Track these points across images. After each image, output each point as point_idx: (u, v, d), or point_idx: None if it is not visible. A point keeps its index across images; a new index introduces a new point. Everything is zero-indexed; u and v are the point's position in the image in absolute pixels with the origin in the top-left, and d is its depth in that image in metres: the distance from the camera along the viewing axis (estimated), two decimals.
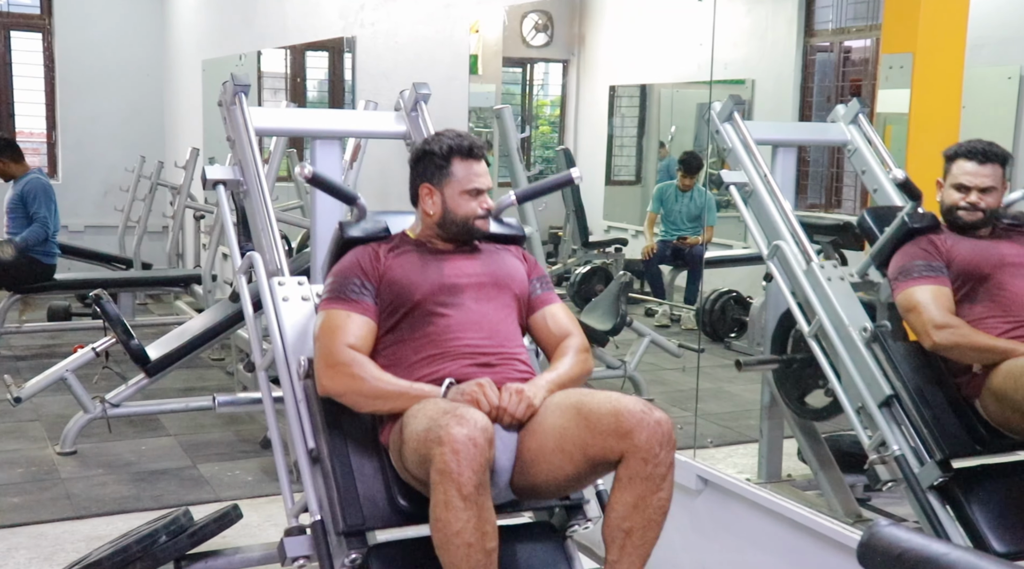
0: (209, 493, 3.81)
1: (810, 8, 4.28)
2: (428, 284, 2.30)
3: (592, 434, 2.00)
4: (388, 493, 2.16)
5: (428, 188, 2.37)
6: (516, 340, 2.33)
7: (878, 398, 2.45)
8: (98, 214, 8.34)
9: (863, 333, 2.53)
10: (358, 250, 2.37)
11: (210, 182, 2.67)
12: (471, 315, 2.28)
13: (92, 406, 4.21)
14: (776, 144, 3.16)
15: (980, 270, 2.52)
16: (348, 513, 2.11)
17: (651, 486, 1.98)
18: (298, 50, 6.18)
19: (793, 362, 3.00)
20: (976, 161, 2.56)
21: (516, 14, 4.56)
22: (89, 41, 8.44)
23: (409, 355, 2.26)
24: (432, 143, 2.38)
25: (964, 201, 2.57)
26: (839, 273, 2.66)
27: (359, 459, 2.20)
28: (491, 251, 2.44)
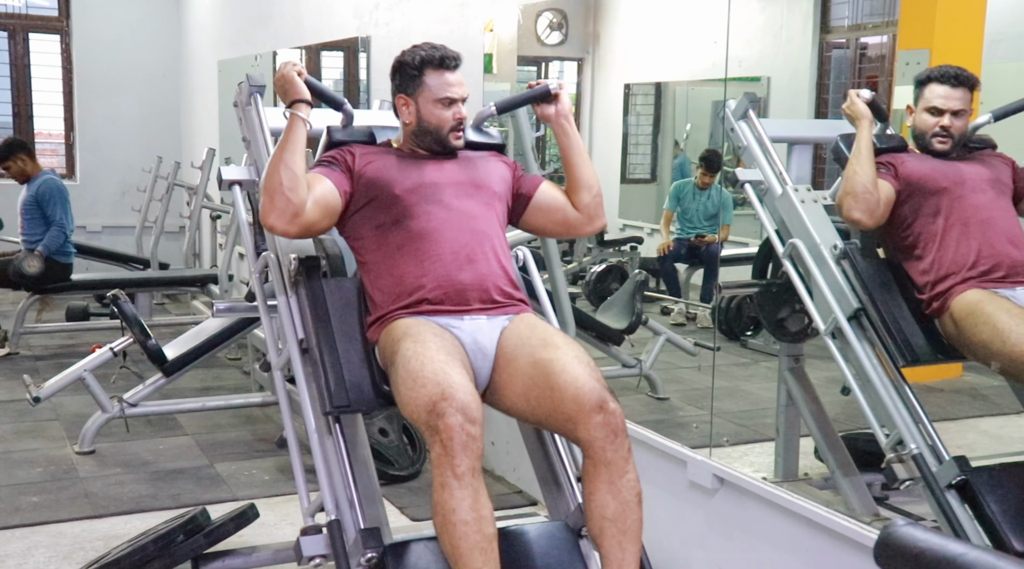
0: (226, 492, 3.83)
1: (826, 4, 4.25)
2: (408, 181, 2.39)
3: (554, 408, 2.13)
4: (372, 380, 2.30)
5: (403, 98, 2.46)
6: (496, 235, 2.42)
7: (847, 311, 2.56)
8: (115, 214, 8.39)
9: (833, 251, 2.63)
10: (340, 149, 2.49)
11: (226, 182, 2.69)
12: (451, 211, 2.38)
13: (110, 406, 4.24)
14: (791, 142, 3.14)
15: (938, 183, 2.62)
16: (335, 395, 2.23)
17: (616, 469, 2.09)
18: (313, 50, 6.20)
19: (772, 285, 3.08)
20: (948, 84, 2.63)
21: (531, 13, 4.55)
22: (106, 43, 8.49)
23: (393, 250, 2.35)
24: (406, 55, 2.46)
25: (937, 126, 2.66)
26: (813, 196, 2.77)
27: (346, 349, 2.31)
28: (471, 156, 2.54)
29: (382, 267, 2.35)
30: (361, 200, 2.40)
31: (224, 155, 6.73)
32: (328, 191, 2.36)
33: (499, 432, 3.98)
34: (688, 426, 3.91)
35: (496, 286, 2.35)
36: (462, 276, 2.31)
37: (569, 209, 2.53)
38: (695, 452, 3.08)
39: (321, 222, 2.36)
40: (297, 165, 2.29)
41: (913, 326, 2.57)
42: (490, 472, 4.11)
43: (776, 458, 3.16)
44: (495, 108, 2.60)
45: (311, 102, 2.43)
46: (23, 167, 6.06)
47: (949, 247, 2.58)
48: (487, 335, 2.29)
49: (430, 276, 2.30)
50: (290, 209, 2.27)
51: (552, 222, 2.56)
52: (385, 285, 2.34)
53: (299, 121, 2.37)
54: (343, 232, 2.47)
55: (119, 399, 4.25)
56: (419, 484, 3.91)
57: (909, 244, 2.66)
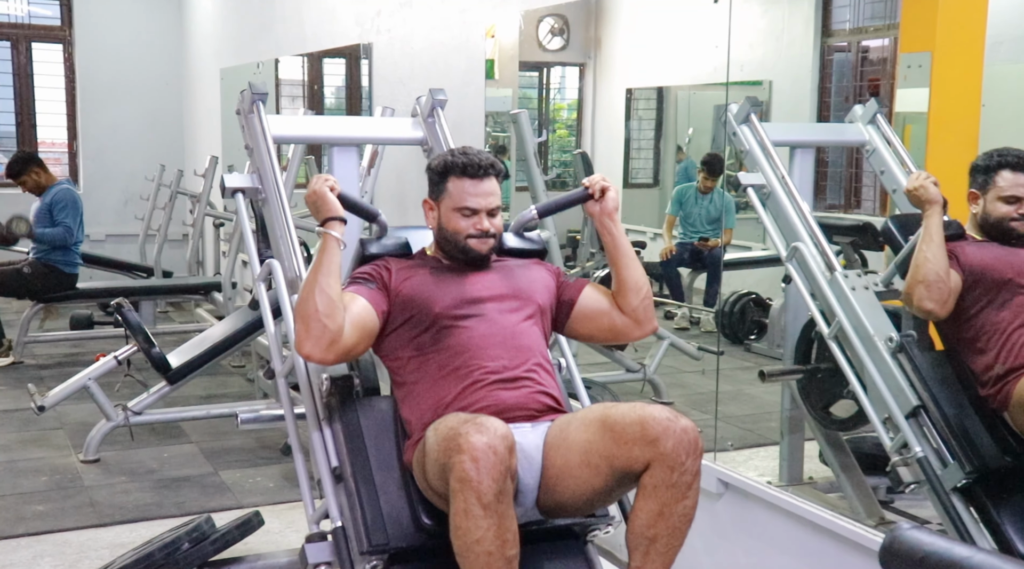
0: (231, 500, 3.83)
1: (827, 8, 4.25)
2: (448, 297, 2.27)
3: (618, 444, 1.98)
4: (412, 511, 2.15)
5: (428, 203, 2.38)
6: (540, 351, 2.30)
7: (905, 408, 2.43)
8: (119, 223, 8.40)
9: (888, 343, 2.51)
10: (374, 263, 2.38)
11: (229, 190, 2.68)
12: (492, 327, 2.25)
13: (115, 414, 4.24)
14: (793, 145, 3.14)
15: (1003, 275, 2.50)
16: (372, 532, 2.10)
17: (676, 494, 1.97)
18: (315, 57, 6.21)
19: (817, 371, 2.97)
20: (1022, 171, 2.54)
21: (532, 18, 4.56)
22: (109, 51, 8.52)
23: (433, 371, 2.23)
24: (434, 159, 2.39)
25: (1017, 212, 2.54)
26: (863, 282, 2.64)
27: (383, 478, 2.19)
28: (511, 265, 2.41)
29: (421, 388, 2.23)
30: (399, 319, 2.27)
31: (227, 163, 6.74)
32: (365, 312, 2.22)
33: None
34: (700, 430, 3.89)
35: (539, 402, 2.22)
36: (505, 396, 2.18)
37: (615, 313, 2.35)
38: None
39: (359, 346, 2.22)
40: (333, 289, 2.15)
41: (977, 424, 2.41)
42: None
43: (780, 462, 3.16)
44: (536, 212, 2.44)
45: (345, 219, 2.28)
46: (37, 180, 6.08)
47: (1016, 340, 2.45)
48: (532, 442, 2.13)
49: (471, 399, 2.17)
50: (327, 336, 2.12)
51: (598, 329, 2.39)
52: (424, 408, 2.21)
53: (333, 241, 2.21)
54: (378, 351, 2.33)
55: (123, 407, 4.26)
56: None
57: (971, 337, 2.52)
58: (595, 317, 2.38)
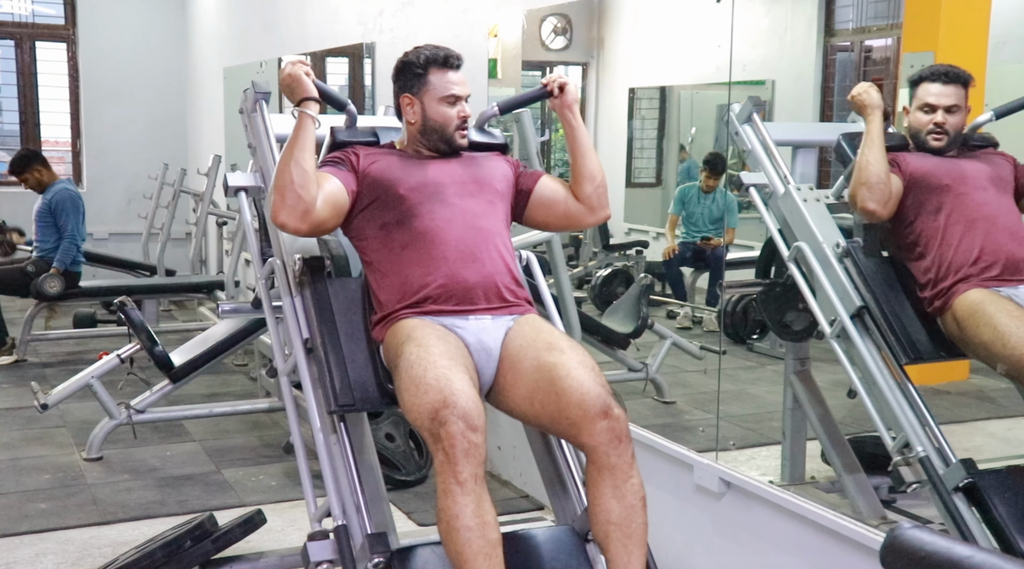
0: (233, 498, 3.84)
1: (830, 7, 4.25)
2: (412, 180, 2.40)
3: (558, 412, 2.14)
4: (377, 379, 2.30)
5: (408, 98, 2.48)
6: (499, 234, 2.43)
7: (849, 309, 2.56)
8: (122, 221, 8.42)
9: (836, 249, 2.63)
10: (344, 149, 2.51)
11: (232, 189, 2.69)
12: (454, 210, 2.38)
13: (117, 412, 4.25)
14: (796, 145, 3.14)
15: (940, 180, 2.62)
16: (340, 394, 2.23)
17: (620, 474, 2.10)
18: (318, 56, 6.21)
19: (775, 285, 3.07)
20: (940, 82, 2.64)
21: (535, 18, 4.55)
22: (112, 50, 8.53)
23: (397, 248, 2.36)
24: (411, 55, 2.49)
25: (931, 123, 2.66)
26: (815, 195, 2.77)
27: (351, 348, 2.32)
28: (475, 156, 2.54)
29: (387, 266, 2.36)
30: (366, 200, 2.41)
31: (230, 162, 6.74)
32: (336, 189, 2.37)
33: (506, 437, 3.98)
34: (694, 430, 3.90)
35: (502, 284, 2.36)
36: (467, 274, 2.32)
37: (571, 201, 2.52)
38: (701, 456, 3.08)
39: (330, 221, 2.36)
40: (308, 163, 2.30)
41: (916, 324, 2.57)
42: (497, 477, 4.11)
43: (783, 461, 3.16)
44: (498, 108, 2.61)
45: (319, 100, 2.43)
46: (39, 178, 6.10)
47: (951, 245, 2.57)
48: (492, 335, 2.29)
49: (435, 275, 2.31)
50: (301, 206, 2.26)
51: (554, 215, 2.55)
52: (390, 284, 2.35)
53: (309, 119, 2.37)
54: (347, 232, 2.47)
55: (126, 406, 4.26)
56: (426, 489, 3.91)
57: (911, 242, 2.65)
58: (551, 204, 2.53)
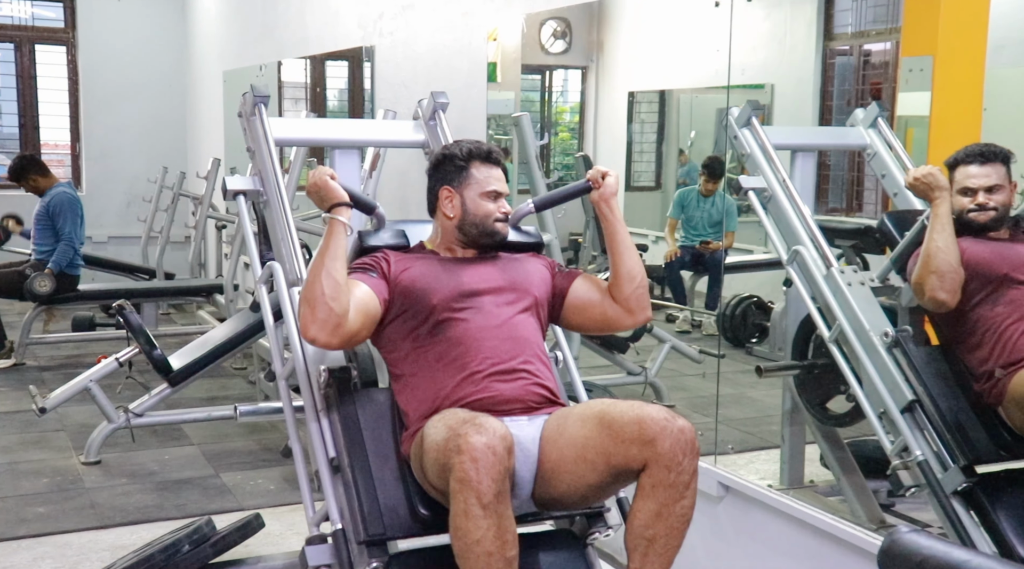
0: (232, 502, 3.83)
1: (829, 12, 4.25)
2: (445, 289, 2.29)
3: (615, 442, 1.99)
4: (409, 502, 2.17)
5: (448, 190, 2.38)
6: (537, 343, 2.32)
7: (900, 403, 2.44)
8: (121, 225, 8.42)
9: (884, 338, 2.52)
10: (373, 254, 2.40)
11: (230, 193, 2.68)
12: (490, 319, 2.27)
13: (116, 416, 4.24)
14: (794, 149, 3.14)
15: (997, 270, 2.51)
16: (369, 523, 2.12)
17: (674, 494, 1.98)
18: (318, 60, 6.22)
19: (814, 367, 2.97)
20: (977, 163, 2.56)
21: (534, 21, 4.56)
22: (112, 54, 8.53)
23: (431, 362, 2.24)
24: (452, 148, 2.42)
25: (972, 203, 2.57)
26: (859, 278, 2.65)
27: (380, 469, 2.20)
28: (510, 258, 2.43)
29: (419, 380, 2.24)
30: (397, 309, 2.29)
31: (229, 165, 6.75)
32: (368, 298, 2.24)
33: None
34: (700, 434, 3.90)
35: (536, 395, 2.24)
36: (503, 388, 2.20)
37: (607, 303, 2.35)
38: (700, 459, 3.07)
39: (362, 332, 2.24)
40: (340, 273, 2.17)
41: (972, 419, 2.42)
42: None
43: (781, 465, 3.16)
44: (533, 206, 2.50)
45: (351, 205, 2.31)
46: (35, 185, 6.11)
47: (1011, 335, 2.45)
48: (528, 434, 2.14)
49: (470, 390, 2.19)
50: (332, 320, 2.14)
51: (590, 319, 2.40)
52: (421, 398, 2.22)
53: (340, 226, 2.23)
54: (376, 342, 2.35)
55: (125, 409, 4.25)
56: None
57: (966, 331, 2.53)
58: (586, 307, 2.39)
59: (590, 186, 2.37)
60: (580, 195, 2.45)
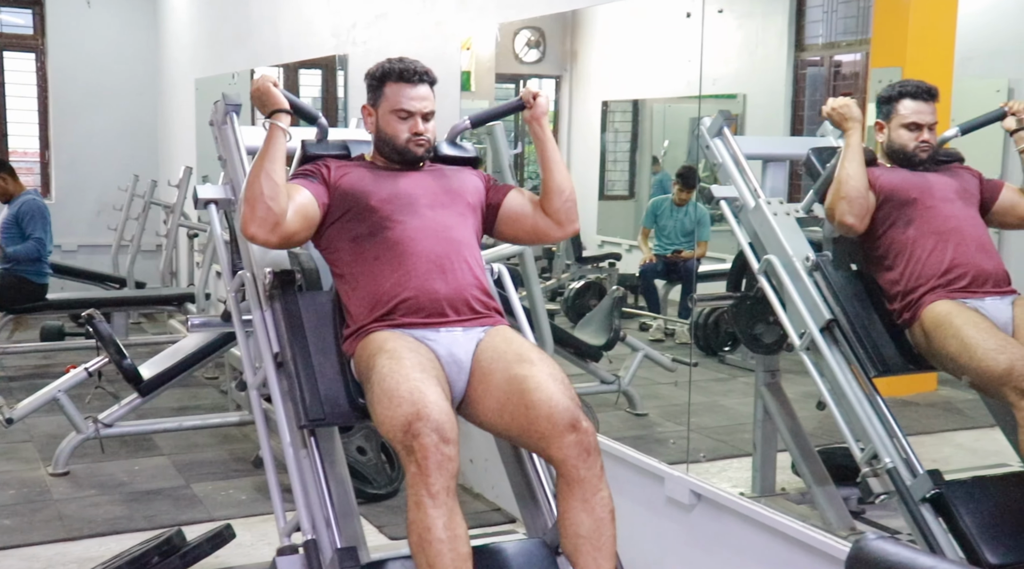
0: (203, 513, 3.80)
1: (800, 23, 4.29)
2: (382, 192, 2.41)
3: (528, 425, 2.14)
4: (348, 393, 2.30)
5: (367, 109, 2.52)
6: (469, 245, 2.43)
7: (819, 322, 2.58)
8: (91, 233, 8.33)
9: (805, 262, 2.65)
10: (315, 162, 2.51)
11: (202, 201, 2.69)
12: (425, 221, 2.39)
13: (85, 426, 4.20)
14: (766, 159, 3.16)
15: (908, 194, 2.65)
16: (310, 409, 2.23)
17: (589, 487, 2.10)
18: (291, 68, 6.20)
19: (747, 298, 3.10)
20: (922, 99, 2.68)
21: (508, 31, 4.57)
22: (82, 61, 8.45)
23: (369, 260, 2.36)
24: (374, 67, 2.51)
25: (919, 140, 2.69)
26: (785, 209, 2.79)
27: (321, 362, 2.31)
28: (446, 170, 2.55)
29: (358, 279, 2.36)
30: (337, 212, 2.41)
31: (201, 173, 6.70)
32: (307, 201, 2.36)
33: (478, 450, 3.97)
34: (666, 442, 3.91)
35: (472, 296, 2.36)
36: (437, 286, 2.32)
37: (539, 215, 2.52)
38: (672, 468, 3.09)
39: (301, 232, 2.36)
40: (278, 174, 2.29)
41: (884, 336, 2.60)
42: (468, 490, 4.10)
43: (753, 473, 3.17)
44: (469, 121, 2.63)
45: (290, 112, 2.44)
46: (5, 186, 6.03)
47: (919, 257, 2.60)
48: (463, 347, 2.29)
49: (405, 286, 2.31)
50: (271, 218, 2.26)
51: (523, 229, 2.55)
52: (360, 296, 2.34)
53: (279, 131, 2.37)
54: (318, 244, 2.47)
55: (94, 419, 4.21)
56: (397, 502, 3.89)
57: (880, 255, 2.68)
58: (519, 218, 2.53)
59: (523, 104, 2.50)
60: (514, 112, 2.61)
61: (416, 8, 4.58)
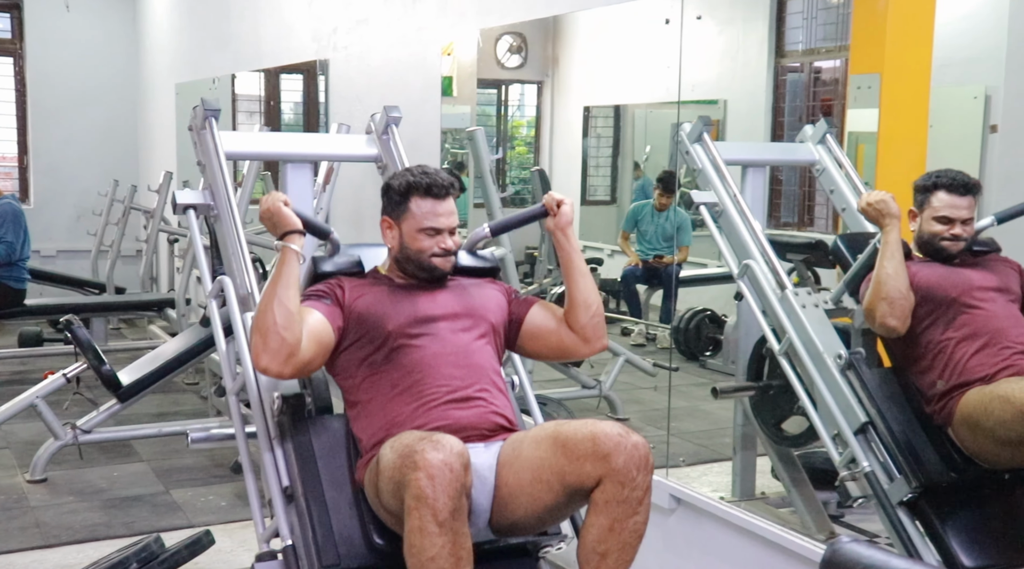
0: (182, 519, 3.78)
1: (780, 29, 4.32)
2: (400, 315, 2.27)
3: (569, 460, 1.99)
4: (364, 531, 2.15)
5: (388, 221, 2.36)
6: (493, 370, 2.30)
7: (853, 425, 2.46)
8: (71, 239, 8.28)
9: (837, 360, 2.54)
10: (328, 280, 2.36)
11: (180, 207, 2.66)
12: (445, 346, 2.26)
13: (63, 433, 4.16)
14: (745, 164, 3.18)
15: (947, 293, 2.55)
16: (324, 551, 2.10)
17: (627, 509, 1.98)
18: (272, 73, 6.19)
19: (769, 388, 3.00)
20: (957, 193, 2.57)
21: (490, 36, 4.58)
22: (61, 65, 8.40)
23: (386, 389, 2.23)
24: (394, 178, 2.37)
25: (948, 233, 2.59)
26: (813, 300, 2.68)
27: (335, 497, 2.18)
28: (465, 284, 2.41)
29: (373, 407, 2.22)
30: (352, 336, 2.26)
31: (182, 178, 6.68)
32: (321, 326, 2.21)
33: None
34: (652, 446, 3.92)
35: (491, 422, 2.22)
36: (456, 415, 2.19)
37: (564, 331, 2.33)
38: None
39: (316, 360, 2.20)
40: (292, 301, 2.14)
41: (923, 440, 2.46)
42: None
43: (733, 477, 3.18)
44: (489, 230, 2.47)
45: (304, 233, 2.27)
46: None
47: (960, 359, 2.48)
48: (485, 462, 2.13)
49: (426, 417, 2.17)
50: (285, 349, 2.10)
51: (547, 346, 2.38)
52: (376, 427, 2.20)
53: (293, 254, 2.19)
54: (331, 370, 2.33)
55: (72, 426, 4.17)
56: None
57: (917, 354, 2.56)
58: (543, 335, 2.37)
59: (545, 212, 2.35)
60: (535, 220, 2.45)
61: (397, 13, 4.58)
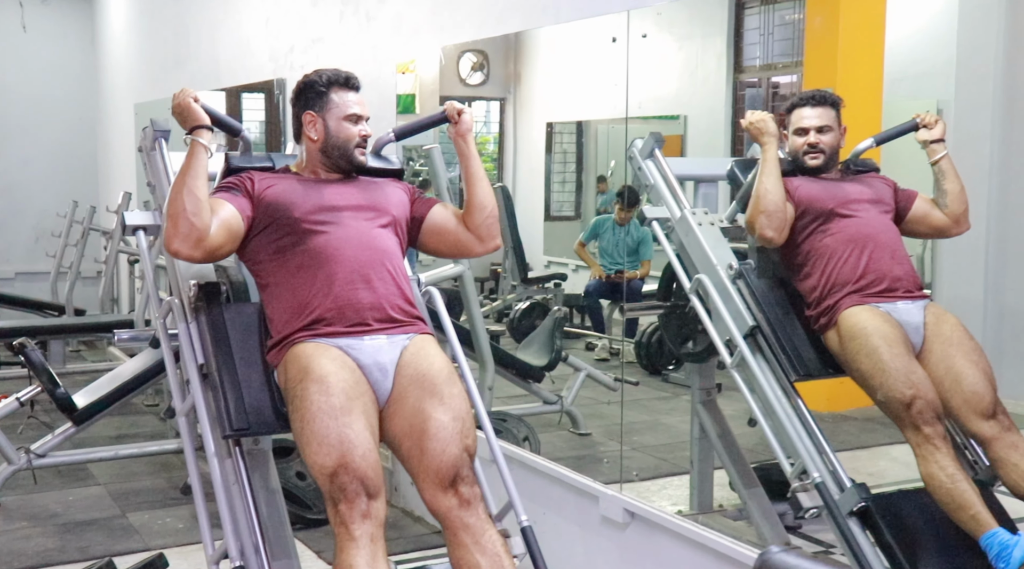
0: (138, 542, 3.73)
1: (738, 45, 4.36)
2: (307, 204, 2.41)
3: (417, 468, 2.21)
4: (273, 403, 2.31)
5: (311, 115, 2.50)
6: (395, 255, 2.45)
7: (742, 329, 2.64)
8: (29, 260, 8.19)
9: (729, 270, 2.72)
10: (239, 174, 2.50)
11: (130, 228, 2.66)
12: (349, 231, 2.40)
13: (16, 457, 4.09)
14: (696, 179, 3.21)
15: (825, 205, 2.72)
16: (235, 418, 2.23)
17: (477, 529, 2.15)
18: (233, 92, 6.16)
19: (676, 308, 3.17)
20: (809, 105, 2.77)
21: (452, 53, 4.59)
22: (18, 86, 8.34)
23: (292, 270, 2.36)
24: (312, 75, 2.53)
25: (806, 144, 2.78)
26: (709, 219, 2.86)
27: (246, 372, 2.32)
28: (371, 182, 2.56)
29: (281, 289, 2.36)
30: (261, 224, 2.41)
31: (142, 199, 6.62)
32: (231, 215, 2.36)
33: None
34: (604, 461, 3.92)
35: (394, 304, 2.37)
36: (359, 295, 2.33)
37: (461, 230, 2.55)
38: (607, 487, 3.09)
39: (225, 246, 2.36)
40: (200, 190, 2.29)
41: (805, 341, 2.66)
42: (410, 513, 4.06)
43: (691, 490, 3.19)
44: (394, 134, 2.65)
45: (211, 128, 2.43)
46: None
47: (836, 264, 2.66)
48: (387, 355, 2.31)
49: (328, 295, 2.32)
50: (194, 234, 2.26)
51: (445, 243, 2.59)
52: (284, 306, 2.34)
53: (200, 147, 2.36)
54: (243, 256, 2.46)
55: (26, 450, 4.11)
56: None
57: (799, 262, 2.75)
58: (442, 233, 2.56)
59: (447, 118, 2.54)
60: (437, 125, 2.63)
61: (352, 32, 4.58)
